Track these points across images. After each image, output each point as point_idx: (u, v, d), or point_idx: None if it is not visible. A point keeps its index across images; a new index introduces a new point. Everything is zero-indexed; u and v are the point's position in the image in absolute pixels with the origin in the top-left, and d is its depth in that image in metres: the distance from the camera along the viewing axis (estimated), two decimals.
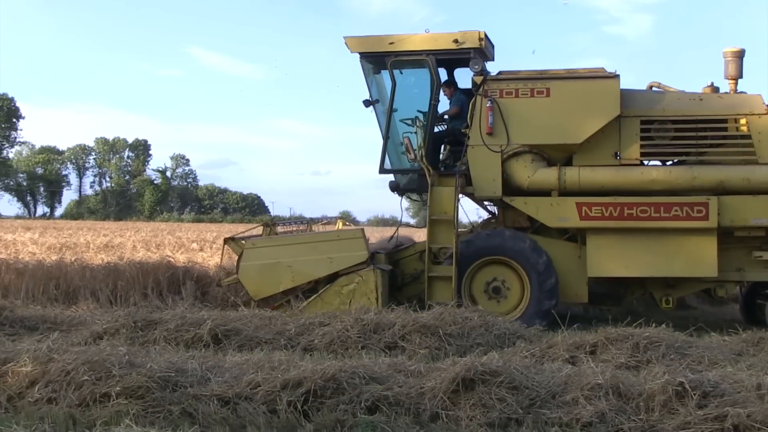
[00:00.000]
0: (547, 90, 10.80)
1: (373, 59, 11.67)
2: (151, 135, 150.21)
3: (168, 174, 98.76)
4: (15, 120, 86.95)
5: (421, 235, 12.58)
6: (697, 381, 5.57)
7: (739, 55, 10.98)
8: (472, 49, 11.06)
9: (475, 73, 11.06)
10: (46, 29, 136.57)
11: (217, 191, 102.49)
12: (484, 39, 11.05)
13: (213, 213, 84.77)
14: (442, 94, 11.58)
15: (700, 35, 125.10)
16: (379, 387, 5.87)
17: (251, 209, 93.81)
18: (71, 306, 11.47)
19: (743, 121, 10.64)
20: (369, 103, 11.73)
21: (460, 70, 11.92)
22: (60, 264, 13.03)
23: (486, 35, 11.16)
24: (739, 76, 11.01)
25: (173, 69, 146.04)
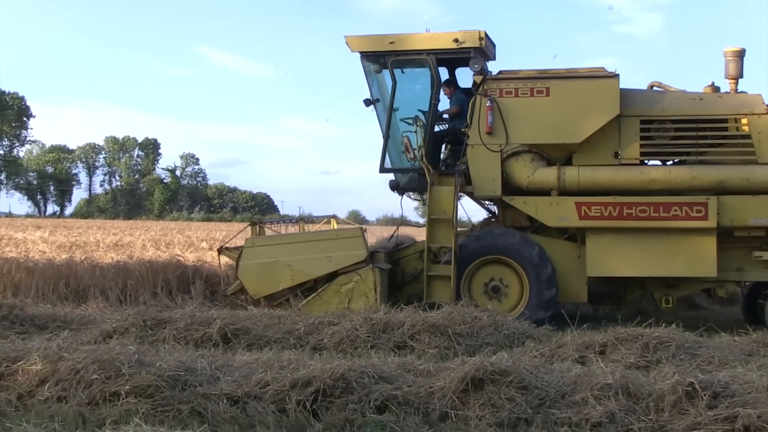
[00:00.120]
0: (547, 89, 10.80)
1: (373, 58, 11.68)
2: (161, 134, 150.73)
3: (177, 173, 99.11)
4: (25, 119, 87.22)
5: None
6: (708, 381, 5.54)
7: (740, 54, 10.96)
8: (473, 48, 11.07)
9: (475, 73, 11.06)
10: (56, 28, 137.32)
11: (226, 190, 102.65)
12: (484, 38, 11.06)
13: (222, 212, 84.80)
14: (442, 93, 11.59)
15: (711, 34, 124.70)
16: (389, 386, 5.87)
17: (261, 208, 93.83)
18: (81, 305, 11.52)
19: (743, 120, 10.62)
20: (370, 102, 11.75)
21: (462, 70, 11.90)
22: (70, 263, 13.09)
23: (486, 34, 11.16)
24: (740, 76, 10.99)
25: (183, 68, 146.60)
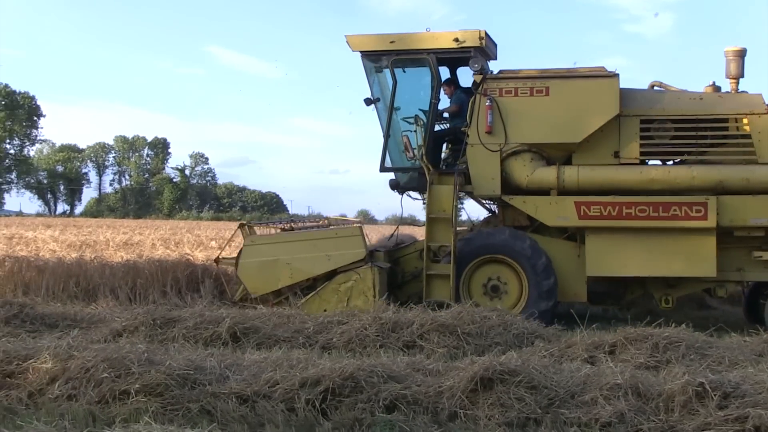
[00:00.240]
0: (547, 89, 10.79)
1: (374, 58, 11.69)
2: (171, 133, 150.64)
3: (187, 172, 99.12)
4: (36, 118, 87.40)
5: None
6: (718, 382, 5.52)
7: (741, 54, 10.92)
8: (473, 47, 11.06)
9: (475, 72, 11.05)
10: (66, 28, 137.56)
11: (235, 189, 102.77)
12: (484, 38, 11.05)
13: (232, 211, 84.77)
14: (443, 92, 11.60)
15: (721, 34, 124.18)
16: (398, 386, 5.87)
17: (270, 207, 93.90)
18: (91, 303, 11.56)
19: (744, 120, 10.58)
20: (370, 101, 11.77)
21: (464, 69, 11.88)
22: (80, 261, 13.11)
23: (487, 34, 11.16)
24: (741, 76, 10.95)
25: (193, 67, 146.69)
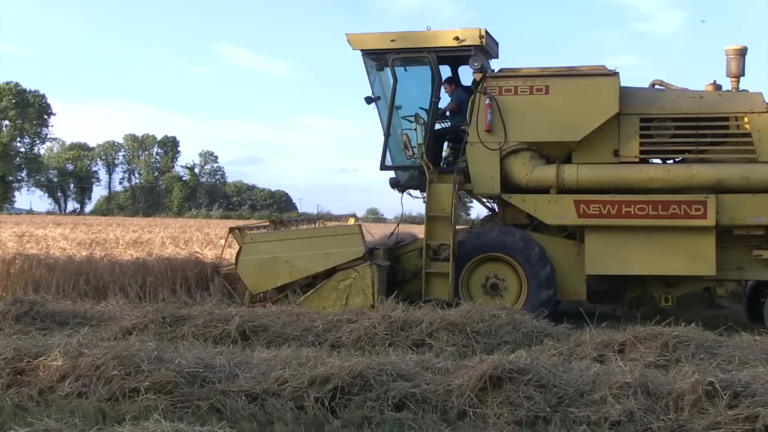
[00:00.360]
0: (546, 87, 10.79)
1: (375, 56, 11.70)
2: (180, 132, 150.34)
3: (196, 171, 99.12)
4: (46, 116, 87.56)
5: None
6: (728, 381, 5.50)
7: (741, 52, 10.90)
8: (473, 46, 11.06)
9: (475, 71, 11.05)
10: (76, 26, 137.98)
11: (245, 188, 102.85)
12: (484, 36, 11.06)
13: (241, 210, 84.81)
14: (443, 91, 11.60)
15: (732, 32, 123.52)
16: (407, 384, 5.88)
17: (279, 206, 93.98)
18: (101, 301, 11.61)
19: (744, 119, 10.55)
20: (371, 100, 11.78)
21: (465, 67, 11.84)
22: (90, 259, 13.16)
23: (487, 32, 11.16)
24: (741, 74, 10.94)
25: (202, 66, 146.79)
